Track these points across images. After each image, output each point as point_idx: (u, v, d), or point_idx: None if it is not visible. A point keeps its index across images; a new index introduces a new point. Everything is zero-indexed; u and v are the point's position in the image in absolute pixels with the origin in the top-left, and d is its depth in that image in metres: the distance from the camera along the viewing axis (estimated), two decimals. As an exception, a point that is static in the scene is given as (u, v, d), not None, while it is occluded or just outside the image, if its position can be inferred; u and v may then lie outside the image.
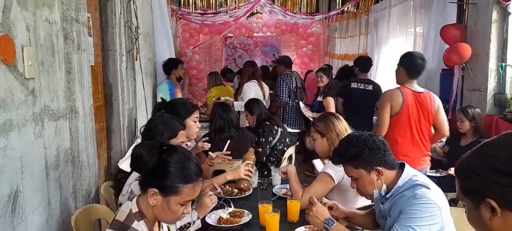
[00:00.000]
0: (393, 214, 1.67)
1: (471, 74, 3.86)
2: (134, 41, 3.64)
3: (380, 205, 1.79)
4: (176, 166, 1.37)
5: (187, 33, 8.53)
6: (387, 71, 5.95)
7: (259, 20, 8.70)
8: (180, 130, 2.19)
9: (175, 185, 1.36)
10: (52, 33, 1.93)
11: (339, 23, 8.18)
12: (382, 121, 2.99)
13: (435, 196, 1.61)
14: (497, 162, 0.92)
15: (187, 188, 1.38)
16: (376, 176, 1.69)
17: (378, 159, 1.68)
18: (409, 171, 1.72)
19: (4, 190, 1.48)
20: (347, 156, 1.73)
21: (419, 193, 1.59)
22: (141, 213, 1.40)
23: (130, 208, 1.41)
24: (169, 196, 1.37)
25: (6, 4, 1.49)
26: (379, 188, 1.71)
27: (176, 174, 1.37)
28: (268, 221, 1.99)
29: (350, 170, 1.74)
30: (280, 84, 5.19)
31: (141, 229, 1.38)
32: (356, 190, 1.81)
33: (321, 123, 2.38)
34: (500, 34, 3.66)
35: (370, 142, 1.70)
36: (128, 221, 1.38)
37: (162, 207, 1.38)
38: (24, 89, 1.63)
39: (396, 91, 2.97)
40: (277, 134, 3.64)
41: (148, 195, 1.37)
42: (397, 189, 1.69)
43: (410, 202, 1.59)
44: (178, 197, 1.37)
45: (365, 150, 1.68)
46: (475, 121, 3.47)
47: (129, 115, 3.45)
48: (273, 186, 2.69)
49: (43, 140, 1.81)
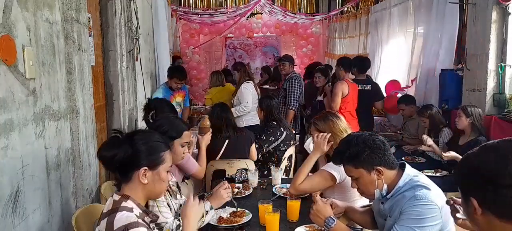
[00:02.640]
0: (394, 214, 1.68)
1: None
2: (134, 42, 3.65)
3: (380, 204, 1.79)
4: (149, 141, 1.53)
5: (187, 33, 8.54)
6: (387, 71, 5.97)
7: (259, 20, 8.71)
8: (185, 130, 2.23)
9: (160, 155, 1.53)
10: (52, 34, 1.94)
11: (339, 24, 8.19)
12: (336, 102, 4.30)
13: (436, 197, 1.61)
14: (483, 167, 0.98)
15: (168, 153, 1.57)
16: (376, 175, 1.70)
17: (378, 159, 1.69)
18: (409, 172, 1.72)
19: (5, 189, 1.48)
20: (347, 155, 1.73)
21: (419, 194, 1.60)
22: (124, 195, 1.49)
23: (113, 199, 1.50)
24: (157, 167, 1.52)
25: (7, 5, 1.50)
26: (380, 187, 1.71)
27: (155, 146, 1.53)
28: (268, 221, 1.99)
29: (350, 169, 1.75)
30: (292, 86, 4.91)
31: (130, 205, 1.47)
32: (357, 190, 1.82)
33: (321, 122, 2.39)
34: (499, 34, 3.66)
35: (370, 142, 1.70)
36: (116, 205, 1.46)
37: (153, 181, 1.52)
38: (24, 89, 1.64)
39: (344, 83, 4.36)
40: (282, 135, 3.63)
41: (140, 176, 1.49)
42: (398, 190, 1.69)
43: (411, 203, 1.60)
44: (165, 164, 1.54)
45: (365, 150, 1.69)
46: (472, 118, 3.47)
47: (129, 115, 3.46)
48: (273, 185, 2.70)
49: (44, 140, 1.81)
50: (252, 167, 3.09)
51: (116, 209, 1.44)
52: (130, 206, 1.46)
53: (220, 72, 6.00)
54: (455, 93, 4.19)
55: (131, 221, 1.40)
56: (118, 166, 1.49)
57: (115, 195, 1.51)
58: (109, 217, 1.42)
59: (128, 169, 1.49)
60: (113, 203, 1.48)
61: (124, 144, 1.48)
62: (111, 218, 1.41)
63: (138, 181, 1.49)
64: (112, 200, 1.50)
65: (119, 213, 1.42)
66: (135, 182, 1.50)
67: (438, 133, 3.96)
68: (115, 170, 1.53)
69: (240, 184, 2.71)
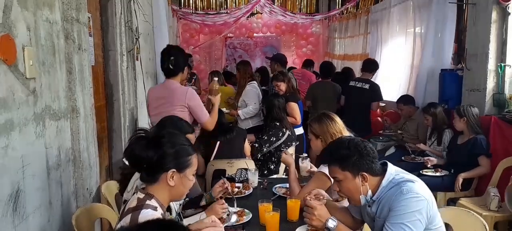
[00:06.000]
0: (382, 214, 1.69)
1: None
2: (134, 41, 3.65)
3: (367, 208, 1.79)
4: (177, 145, 1.55)
5: (187, 33, 8.54)
6: (387, 71, 5.98)
7: (259, 20, 8.71)
8: (188, 132, 2.25)
9: (187, 158, 1.56)
10: (52, 33, 1.94)
11: (339, 23, 8.19)
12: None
13: (421, 188, 1.63)
14: None
15: (195, 157, 1.60)
16: (361, 181, 1.70)
17: (366, 165, 1.69)
18: (391, 170, 1.73)
19: (6, 189, 1.48)
20: (336, 156, 1.74)
21: (405, 188, 1.61)
22: (149, 194, 1.52)
23: (137, 197, 1.53)
24: (184, 170, 1.55)
25: (7, 4, 1.50)
26: (364, 193, 1.72)
27: (184, 149, 1.56)
28: (268, 221, 2.00)
29: (336, 171, 1.74)
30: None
31: (154, 204, 1.50)
32: (337, 193, 1.82)
33: (316, 124, 2.39)
34: (499, 34, 3.66)
35: (361, 147, 1.70)
36: (141, 202, 1.49)
37: (181, 183, 1.56)
38: (25, 89, 1.64)
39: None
40: (284, 136, 3.61)
41: (167, 178, 1.52)
42: (382, 190, 1.70)
43: (398, 198, 1.61)
44: (192, 168, 1.58)
45: (355, 154, 1.69)
46: (466, 118, 3.48)
47: (130, 115, 3.46)
48: (302, 175, 2.69)
49: (44, 140, 1.81)
50: (252, 167, 3.09)
51: (140, 206, 1.47)
52: (154, 205, 1.50)
53: (219, 73, 6.00)
54: (455, 93, 4.19)
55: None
56: (146, 166, 1.53)
57: (139, 193, 1.54)
58: (133, 213, 1.45)
59: (156, 170, 1.52)
60: (137, 200, 1.51)
61: (153, 145, 1.51)
62: (135, 215, 1.44)
63: (165, 182, 1.53)
64: (136, 197, 1.53)
65: (144, 210, 1.45)
66: (161, 183, 1.53)
67: (441, 133, 3.96)
68: (142, 170, 1.56)
69: (240, 184, 2.71)
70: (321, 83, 5.43)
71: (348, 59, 7.66)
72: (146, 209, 1.46)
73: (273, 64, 5.30)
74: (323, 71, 5.51)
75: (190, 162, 1.57)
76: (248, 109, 4.47)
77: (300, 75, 5.94)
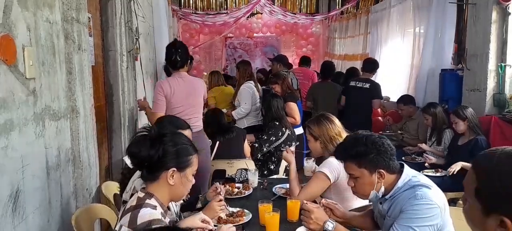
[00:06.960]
0: (393, 213, 1.68)
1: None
2: (134, 41, 3.65)
3: (378, 205, 1.79)
4: (178, 144, 1.56)
5: (187, 33, 8.55)
6: (388, 71, 5.98)
7: (259, 20, 8.72)
8: (185, 128, 2.24)
9: (188, 158, 1.57)
10: (52, 33, 1.94)
11: (339, 24, 8.20)
12: None
13: (436, 196, 1.61)
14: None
15: (195, 157, 1.61)
16: (377, 178, 1.69)
17: (383, 162, 1.68)
18: (408, 172, 1.72)
19: (5, 189, 1.48)
20: (353, 153, 1.71)
21: (419, 193, 1.60)
22: (149, 193, 1.53)
23: (137, 196, 1.54)
24: (185, 169, 1.56)
25: (7, 4, 1.50)
26: (377, 189, 1.71)
27: (185, 148, 1.57)
28: (268, 221, 1.99)
29: (352, 168, 1.72)
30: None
31: (154, 203, 1.51)
32: (351, 188, 1.81)
33: (314, 126, 2.38)
34: (499, 34, 3.66)
35: (379, 144, 1.69)
36: (140, 201, 1.50)
37: (181, 182, 1.57)
38: (25, 89, 1.64)
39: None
40: (284, 135, 3.61)
41: (167, 177, 1.53)
42: (397, 190, 1.69)
43: (411, 202, 1.60)
44: (192, 167, 1.59)
45: (373, 151, 1.67)
46: (468, 120, 3.48)
47: (129, 115, 3.46)
48: (306, 175, 2.69)
49: (44, 140, 1.81)
50: (252, 167, 3.09)
51: (140, 205, 1.48)
52: (154, 204, 1.51)
53: (219, 73, 5.99)
54: (455, 93, 4.19)
55: (155, 218, 1.44)
56: (147, 164, 1.53)
57: (139, 192, 1.55)
58: (133, 212, 1.46)
59: (157, 168, 1.54)
60: (137, 199, 1.51)
61: (155, 144, 1.52)
62: (135, 213, 1.45)
63: (165, 181, 1.54)
64: (136, 197, 1.53)
65: (143, 209, 1.46)
66: (162, 182, 1.54)
67: (441, 133, 3.95)
68: (143, 168, 1.57)
69: (240, 184, 2.71)
70: (322, 84, 5.43)
71: (348, 59, 7.66)
72: (146, 208, 1.47)
73: (276, 65, 5.25)
74: (323, 71, 5.51)
75: (190, 162, 1.58)
76: (239, 109, 4.41)
77: (301, 75, 5.94)
